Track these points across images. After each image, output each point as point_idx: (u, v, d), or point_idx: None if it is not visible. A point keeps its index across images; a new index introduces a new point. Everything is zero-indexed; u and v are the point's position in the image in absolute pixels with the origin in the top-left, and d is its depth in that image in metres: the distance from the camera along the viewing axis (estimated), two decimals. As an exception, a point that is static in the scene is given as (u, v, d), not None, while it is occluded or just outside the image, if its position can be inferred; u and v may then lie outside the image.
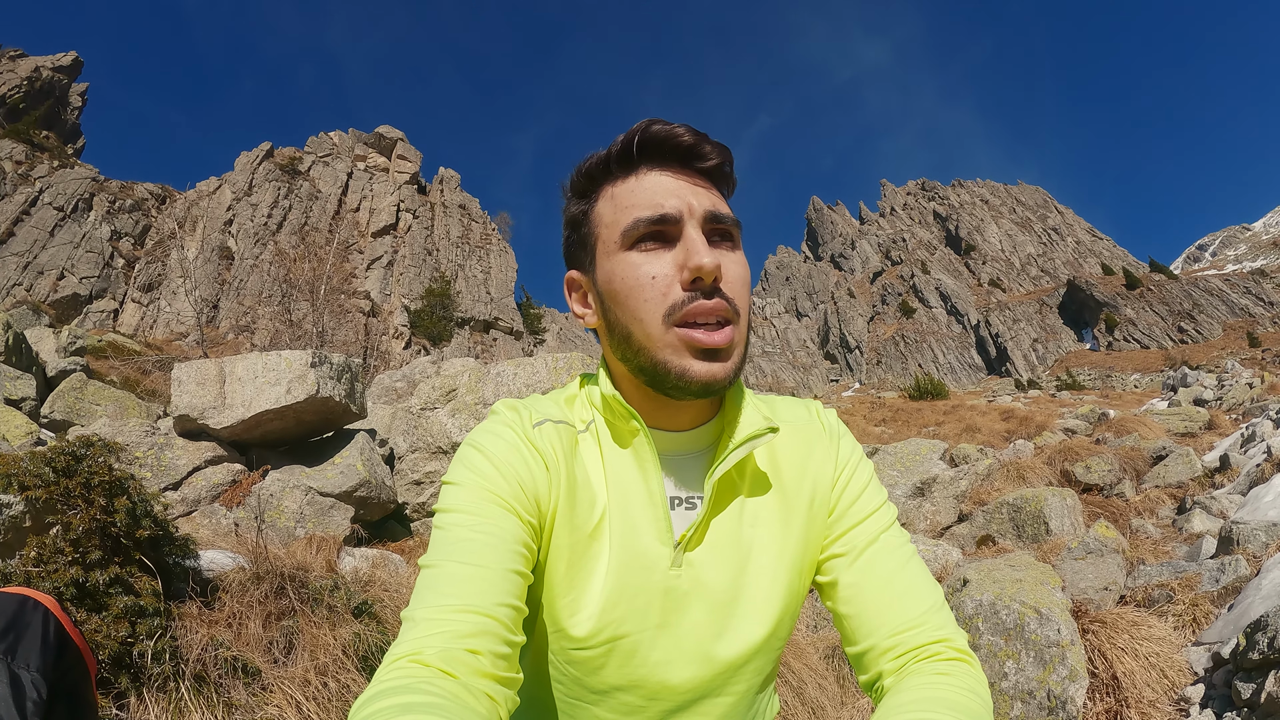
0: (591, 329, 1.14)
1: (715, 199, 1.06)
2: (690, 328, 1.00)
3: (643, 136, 1.05)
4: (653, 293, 1.01)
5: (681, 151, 1.05)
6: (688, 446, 1.14)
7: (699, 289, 1.00)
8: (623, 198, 1.06)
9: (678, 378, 1.01)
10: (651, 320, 1.01)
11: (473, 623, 0.89)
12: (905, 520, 7.80)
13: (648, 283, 1.01)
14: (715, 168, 1.08)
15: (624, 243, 1.04)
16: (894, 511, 1.19)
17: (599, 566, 1.07)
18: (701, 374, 1.00)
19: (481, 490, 1.02)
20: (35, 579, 2.49)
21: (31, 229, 50.71)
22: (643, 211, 1.03)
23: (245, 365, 6.64)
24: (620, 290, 1.04)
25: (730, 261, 1.05)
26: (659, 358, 1.01)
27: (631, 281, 1.02)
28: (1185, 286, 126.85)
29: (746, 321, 1.05)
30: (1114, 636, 3.89)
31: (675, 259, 1.01)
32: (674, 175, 1.05)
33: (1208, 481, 8.12)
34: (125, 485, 2.87)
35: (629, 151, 1.06)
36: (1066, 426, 15.12)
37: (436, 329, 53.51)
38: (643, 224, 1.02)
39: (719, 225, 1.05)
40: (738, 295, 1.03)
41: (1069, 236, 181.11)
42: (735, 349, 1.03)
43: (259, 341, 24.08)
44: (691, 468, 1.14)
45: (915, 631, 1.04)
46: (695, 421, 1.14)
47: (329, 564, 4.36)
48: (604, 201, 1.08)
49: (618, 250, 1.04)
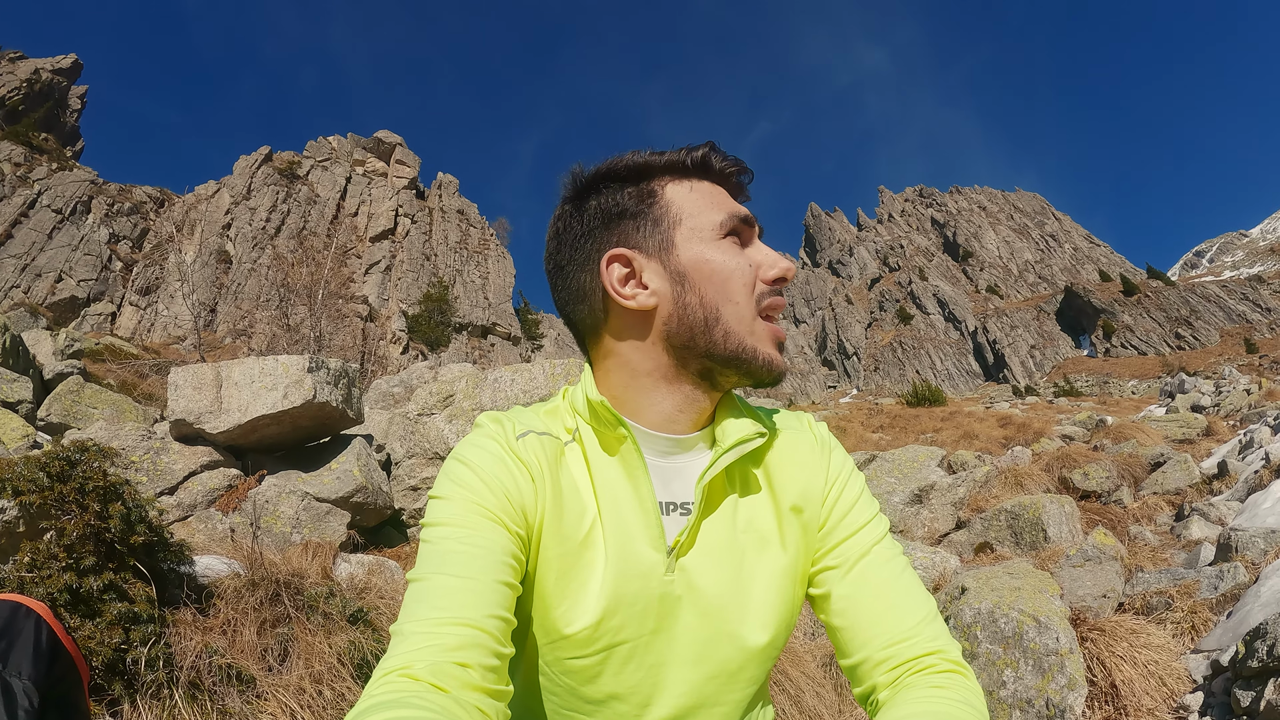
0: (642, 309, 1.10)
1: None
2: (770, 321, 1.10)
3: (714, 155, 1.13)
4: (748, 278, 1.09)
5: (734, 184, 1.16)
6: (678, 451, 1.14)
7: (779, 289, 1.11)
8: (706, 194, 1.12)
9: (765, 364, 1.08)
10: (746, 304, 1.08)
11: (462, 635, 0.89)
12: (903, 527, 7.79)
13: (745, 269, 1.09)
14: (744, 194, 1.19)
15: (720, 231, 1.10)
16: (886, 523, 1.20)
17: (594, 575, 1.07)
18: (781, 364, 1.11)
19: (468, 503, 1.02)
20: (28, 585, 2.47)
21: (30, 231, 50.76)
22: (737, 209, 1.12)
23: (242, 370, 6.63)
24: (720, 272, 1.08)
25: None
26: (748, 343, 1.07)
27: (733, 266, 1.08)
28: (1182, 293, 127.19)
29: None
30: (1113, 644, 3.89)
31: (751, 258, 1.11)
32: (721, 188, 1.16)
33: (1206, 488, 8.11)
34: (120, 491, 2.86)
35: (707, 161, 1.13)
36: (1064, 433, 15.10)
37: (434, 334, 53.54)
38: (737, 219, 1.10)
39: None
40: None
41: (1066, 243, 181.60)
42: None
43: (256, 346, 24.04)
44: (682, 473, 1.14)
45: (909, 643, 1.05)
46: (688, 428, 1.14)
47: (325, 570, 4.34)
48: (678, 189, 1.12)
49: (713, 237, 1.09)
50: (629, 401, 1.12)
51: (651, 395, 1.11)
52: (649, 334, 1.10)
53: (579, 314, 1.16)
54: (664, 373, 1.10)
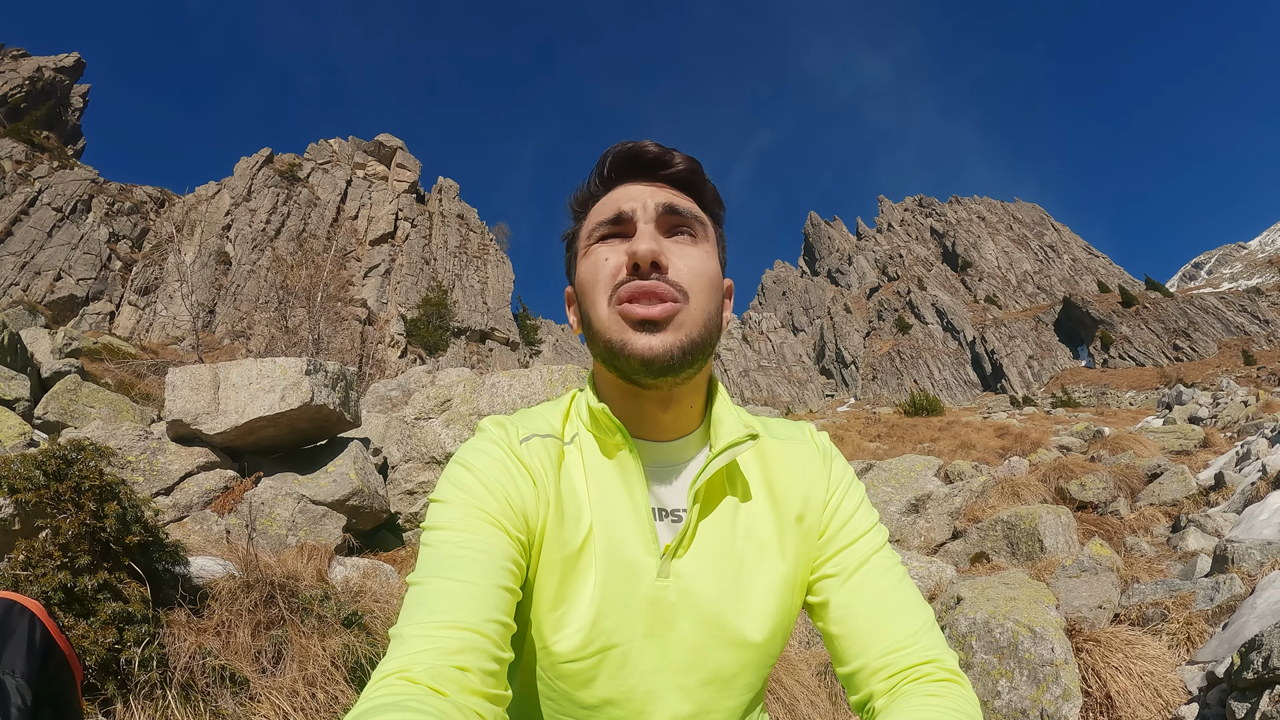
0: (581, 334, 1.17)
1: (675, 195, 1.12)
2: (629, 304, 1.04)
3: (614, 156, 1.14)
4: (604, 274, 1.07)
5: (647, 162, 1.12)
6: (673, 457, 1.16)
7: (638, 274, 1.04)
8: (595, 212, 1.13)
9: (619, 350, 1.04)
10: (600, 299, 1.06)
11: (461, 639, 0.89)
12: (899, 537, 7.78)
13: (601, 265, 1.08)
14: (680, 174, 1.13)
15: (589, 242, 1.11)
16: (885, 533, 1.20)
17: (588, 580, 1.07)
18: (640, 347, 1.02)
19: (469, 507, 1.02)
20: (23, 583, 2.47)
21: (30, 229, 50.72)
22: (604, 214, 1.10)
23: (240, 371, 6.63)
24: (583, 282, 1.10)
25: (684, 252, 1.09)
26: (607, 336, 1.05)
27: (590, 270, 1.09)
28: (1181, 304, 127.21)
29: (701, 307, 1.07)
30: (1108, 655, 3.88)
31: (626, 248, 1.07)
32: (642, 185, 1.12)
33: (1202, 500, 8.11)
34: (116, 490, 2.85)
35: (603, 170, 1.15)
36: (1061, 444, 15.09)
37: (433, 338, 53.50)
38: (603, 225, 1.10)
39: (677, 218, 1.10)
40: (687, 281, 1.06)
41: (1065, 254, 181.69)
42: (680, 326, 1.04)
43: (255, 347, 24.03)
44: (677, 478, 1.15)
45: (906, 652, 1.05)
46: (680, 430, 1.16)
47: (320, 573, 4.33)
48: (586, 220, 1.15)
49: (583, 253, 1.12)
50: (614, 407, 1.13)
51: (622, 404, 1.13)
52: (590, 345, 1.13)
53: None
54: (614, 382, 1.12)
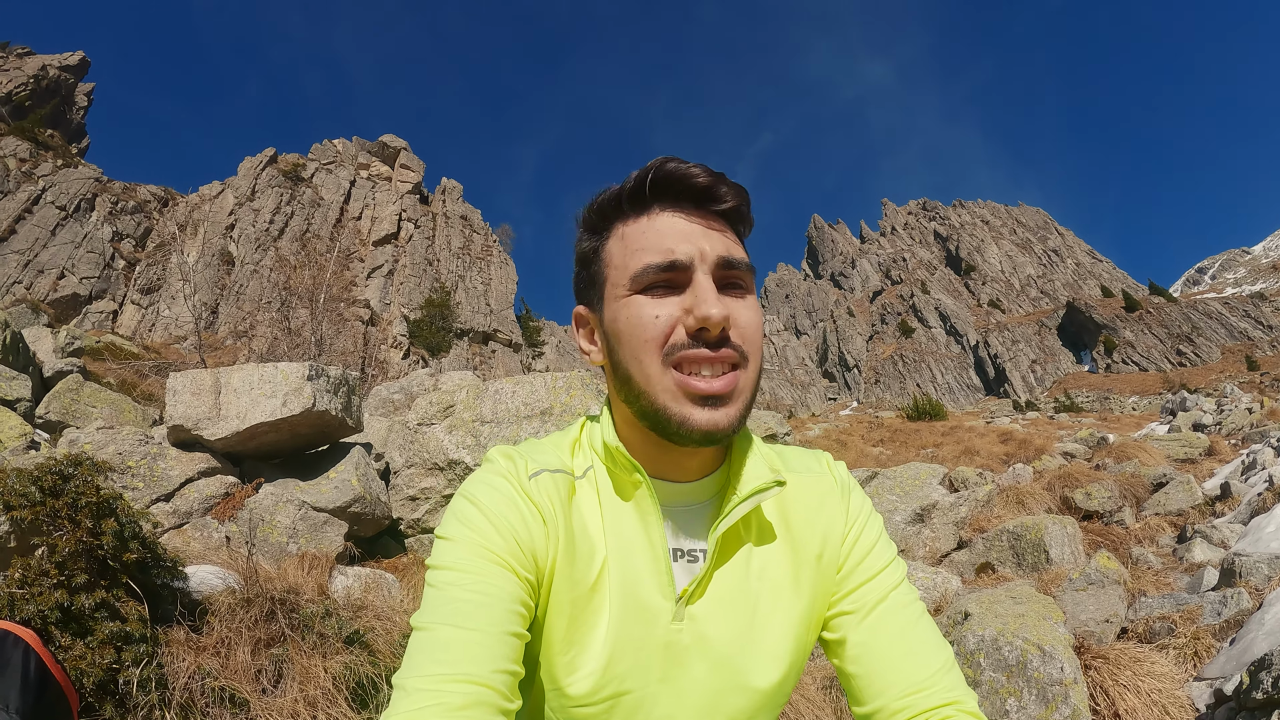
0: (599, 366, 1.11)
1: (730, 243, 1.03)
2: (689, 375, 0.97)
3: (656, 175, 1.01)
4: (655, 332, 0.98)
5: (696, 192, 1.02)
6: (692, 498, 1.11)
7: (704, 339, 0.97)
8: (633, 239, 1.03)
9: (679, 425, 0.98)
10: (650, 360, 0.98)
11: (468, 694, 0.86)
12: (904, 547, 7.75)
13: (650, 322, 0.98)
14: (732, 210, 1.04)
15: (633, 287, 1.01)
16: (904, 568, 1.17)
17: (600, 621, 1.04)
18: (703, 422, 0.97)
19: (476, 546, 0.98)
20: (19, 601, 2.43)
21: (33, 227, 50.78)
22: (653, 257, 1.00)
23: (241, 376, 6.60)
24: (625, 330, 1.01)
25: (741, 308, 1.01)
26: (659, 403, 0.99)
27: (635, 322, 1.00)
28: (1184, 309, 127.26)
29: (757, 367, 1.02)
30: (1116, 673, 3.86)
31: (683, 303, 0.98)
32: (687, 217, 1.02)
33: (1208, 510, 8.09)
34: (113, 506, 2.82)
35: (642, 190, 1.02)
36: (1065, 450, 15.08)
37: (435, 339, 53.51)
38: (652, 270, 0.99)
39: (732, 272, 1.02)
40: (747, 341, 1.00)
41: (1069, 258, 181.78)
42: (740, 395, 0.99)
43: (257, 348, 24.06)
44: (695, 519, 1.11)
45: (926, 694, 1.02)
46: (701, 472, 1.11)
47: (321, 586, 4.29)
48: (614, 240, 1.05)
49: (626, 294, 1.02)
50: (634, 447, 1.08)
51: (644, 448, 1.07)
52: (614, 386, 1.08)
53: None
54: (634, 422, 1.06)
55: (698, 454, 1.08)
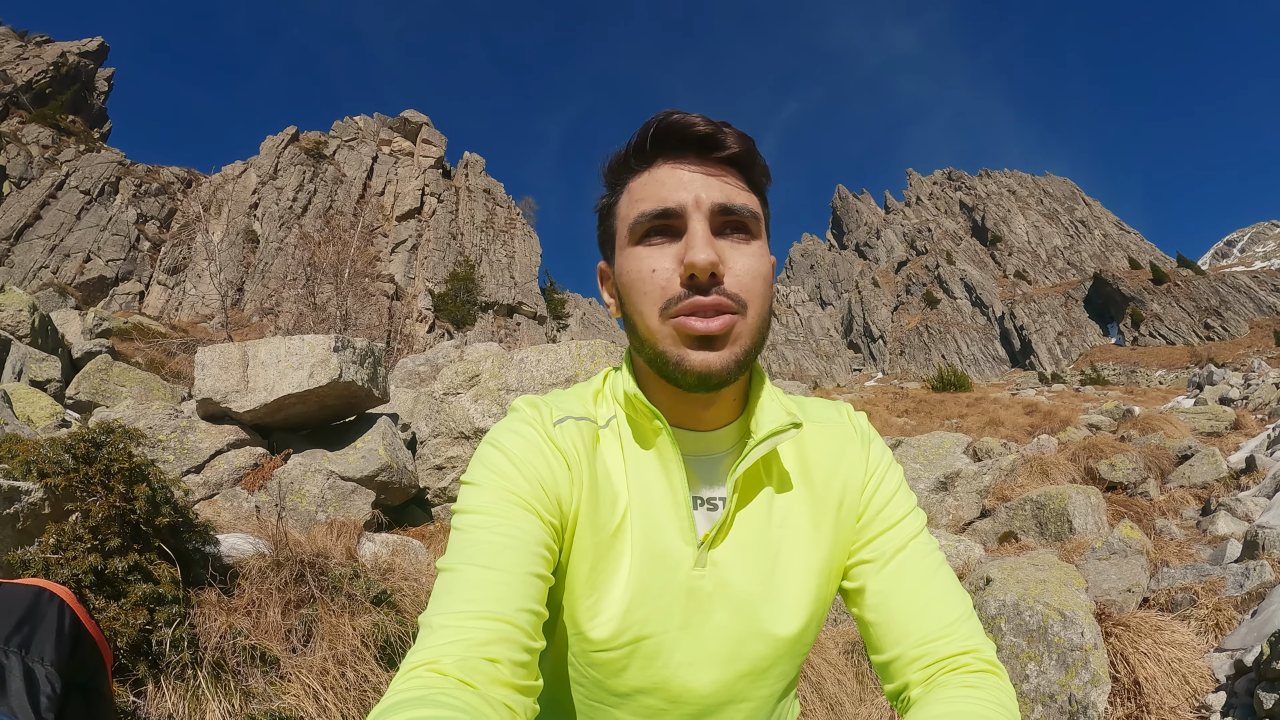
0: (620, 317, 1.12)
1: (731, 190, 1.03)
2: (686, 316, 0.98)
3: (658, 128, 1.03)
4: (652, 286, 1.00)
5: (696, 141, 1.03)
6: (712, 447, 1.12)
7: (695, 285, 0.98)
8: (636, 191, 1.05)
9: (675, 366, 1.00)
10: (650, 314, 1.01)
11: (491, 630, 0.87)
12: (928, 514, 7.75)
13: (648, 276, 1.01)
14: (734, 156, 1.04)
15: (632, 237, 1.04)
16: (924, 518, 1.17)
17: (622, 567, 1.05)
18: (697, 363, 0.98)
19: (502, 490, 1.00)
20: (54, 566, 2.49)
21: (58, 212, 51.25)
22: (648, 205, 1.02)
23: (268, 349, 6.67)
24: (626, 283, 1.04)
25: (740, 254, 1.02)
26: (659, 348, 1.01)
27: (635, 275, 1.02)
28: (1213, 282, 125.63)
29: (758, 313, 1.02)
30: (1137, 641, 3.85)
31: (677, 253, 1.00)
32: (690, 167, 1.03)
33: (1233, 483, 8.02)
34: (145, 472, 2.87)
35: (644, 144, 1.04)
36: (1090, 422, 14.96)
37: (460, 313, 53.64)
38: (646, 219, 1.02)
39: (731, 217, 1.02)
40: (745, 288, 1.00)
41: (1096, 229, 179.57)
42: (738, 339, 1.00)
43: (283, 324, 24.19)
44: (715, 467, 1.12)
45: (943, 641, 1.03)
46: (720, 421, 1.12)
47: (349, 551, 4.35)
48: (624, 195, 1.07)
49: (628, 244, 1.04)
50: (653, 395, 1.10)
51: (661, 396, 1.09)
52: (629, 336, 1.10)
53: None
54: (655, 378, 1.08)
55: (713, 402, 1.09)
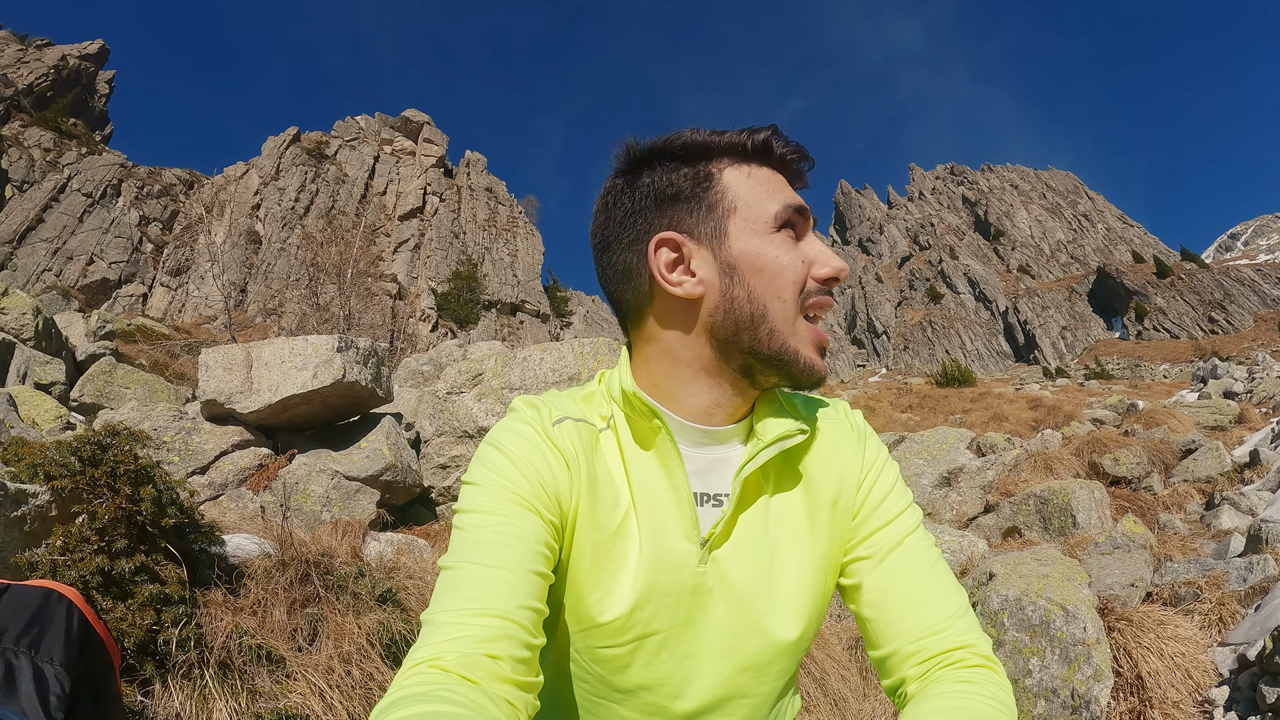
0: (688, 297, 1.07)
1: None
2: (813, 321, 1.07)
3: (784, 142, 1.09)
4: (799, 275, 1.05)
5: (793, 170, 1.11)
6: (713, 443, 1.13)
7: (828, 288, 1.08)
8: (763, 180, 1.08)
9: (806, 367, 1.06)
10: (792, 302, 1.04)
11: (493, 627, 0.88)
12: (931, 510, 7.76)
13: (798, 265, 1.05)
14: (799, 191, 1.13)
15: (775, 223, 1.06)
16: (919, 514, 1.18)
17: (627, 564, 1.06)
18: (822, 369, 1.08)
19: (502, 490, 1.01)
20: (61, 568, 2.51)
21: (60, 215, 51.33)
22: (793, 200, 1.07)
23: (272, 350, 6.69)
24: (771, 268, 1.05)
25: None
26: (790, 344, 1.05)
27: (785, 262, 1.05)
28: (1216, 276, 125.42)
29: None
30: (1140, 635, 3.85)
31: (804, 254, 1.07)
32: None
33: (1237, 477, 8.00)
34: (151, 474, 2.89)
35: (769, 146, 1.08)
36: (1095, 417, 14.94)
37: (463, 312, 53.69)
38: (793, 209, 1.06)
39: None
40: None
41: (1099, 223, 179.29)
42: None
43: (286, 325, 24.23)
44: (717, 464, 1.13)
45: (939, 637, 1.04)
46: (724, 420, 1.12)
47: (354, 550, 4.37)
48: (737, 177, 1.07)
49: (767, 230, 1.06)
50: (668, 390, 1.10)
51: (692, 386, 1.09)
52: (694, 324, 1.07)
53: (622, 294, 1.13)
54: (705, 365, 1.08)
55: (730, 400, 1.11)
